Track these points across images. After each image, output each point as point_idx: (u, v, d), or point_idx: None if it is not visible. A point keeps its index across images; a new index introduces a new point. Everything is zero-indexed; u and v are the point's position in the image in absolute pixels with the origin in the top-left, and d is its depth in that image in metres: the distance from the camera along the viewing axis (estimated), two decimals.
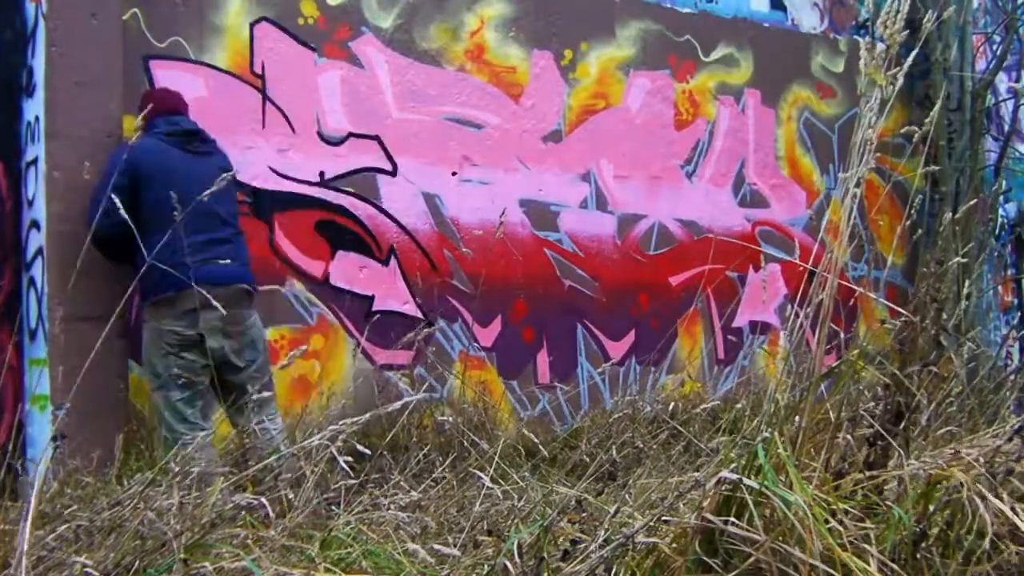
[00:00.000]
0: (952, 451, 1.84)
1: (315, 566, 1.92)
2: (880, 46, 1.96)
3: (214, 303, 2.52)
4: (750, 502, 1.63)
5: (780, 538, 1.60)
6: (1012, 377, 3.81)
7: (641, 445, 3.71)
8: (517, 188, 4.75)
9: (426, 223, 4.49)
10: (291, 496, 2.37)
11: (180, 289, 3.19)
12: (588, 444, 3.90)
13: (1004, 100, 6.84)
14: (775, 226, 5.69)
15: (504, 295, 4.68)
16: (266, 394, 3.36)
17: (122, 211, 2.34)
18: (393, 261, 4.40)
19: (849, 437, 1.89)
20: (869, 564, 1.59)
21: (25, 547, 1.72)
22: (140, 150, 3.29)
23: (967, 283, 4.25)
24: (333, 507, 2.46)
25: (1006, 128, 6.67)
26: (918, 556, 1.69)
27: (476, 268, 4.58)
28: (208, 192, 2.33)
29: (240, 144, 4.03)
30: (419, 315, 4.40)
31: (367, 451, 2.18)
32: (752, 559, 1.61)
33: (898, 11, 1.91)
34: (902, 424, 1.89)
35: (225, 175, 2.37)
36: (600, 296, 5.00)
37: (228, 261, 3.37)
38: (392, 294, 4.38)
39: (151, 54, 3.86)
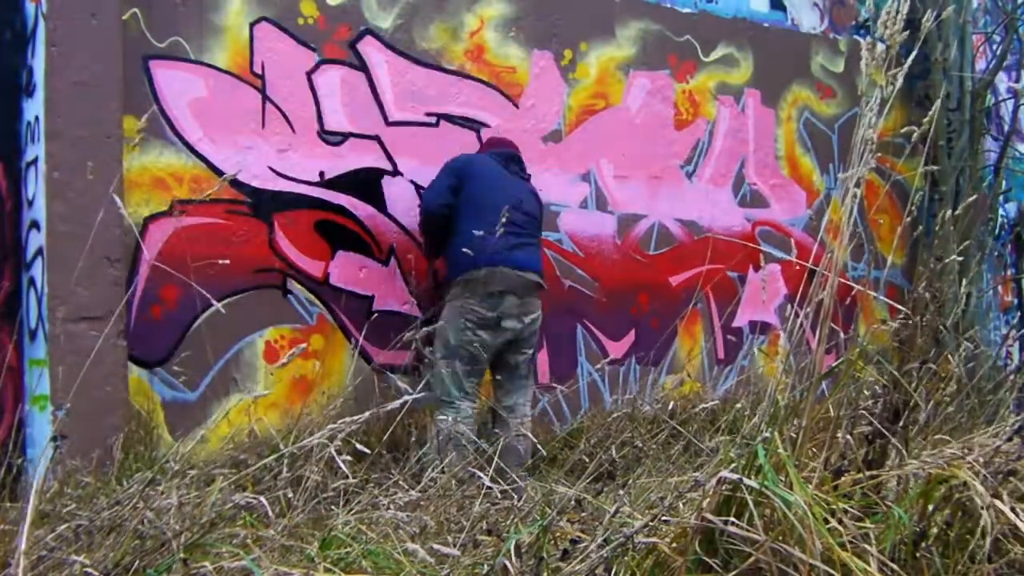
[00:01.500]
0: (952, 451, 1.84)
1: (315, 566, 1.92)
2: (880, 46, 1.96)
3: None
4: (750, 502, 1.63)
5: (780, 538, 1.60)
6: (1012, 377, 3.81)
7: (640, 445, 3.71)
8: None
9: None
10: (290, 495, 2.37)
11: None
12: (587, 444, 3.90)
13: (1004, 100, 6.84)
14: (775, 226, 5.69)
15: None
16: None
17: None
18: (393, 261, 4.40)
19: (849, 437, 1.89)
20: (869, 564, 1.59)
21: (23, 547, 1.72)
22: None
23: (964, 282, 4.25)
24: (332, 506, 2.46)
25: (1006, 128, 6.67)
26: (918, 556, 1.69)
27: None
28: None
29: (240, 144, 4.03)
30: (419, 315, 4.39)
31: (366, 450, 2.18)
32: (752, 559, 1.61)
33: (898, 11, 1.91)
34: (900, 423, 1.89)
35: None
36: (600, 296, 5.00)
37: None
38: (392, 294, 4.38)
39: (151, 54, 3.86)
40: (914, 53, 2.01)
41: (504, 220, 3.59)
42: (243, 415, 3.91)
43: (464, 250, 3.73)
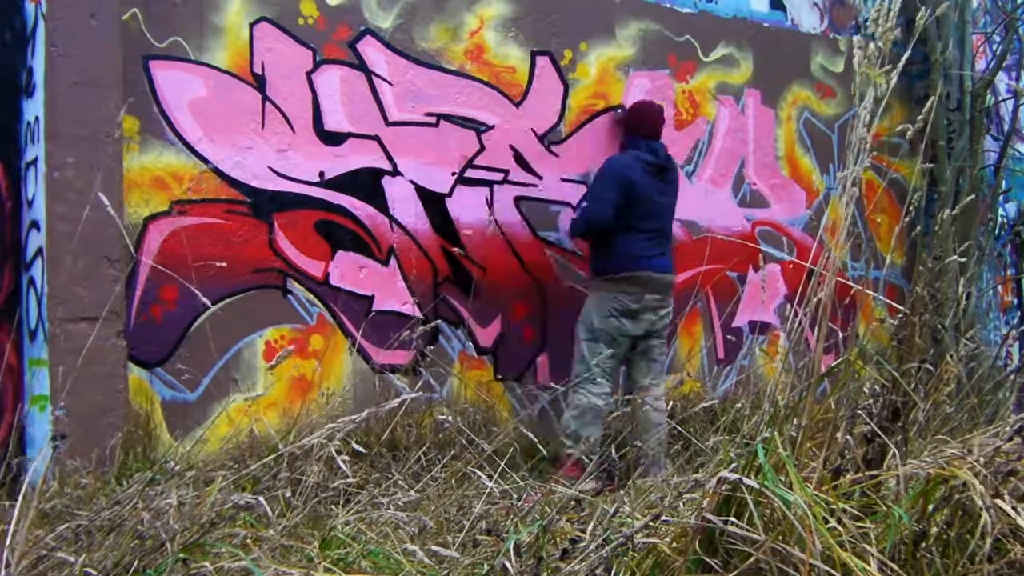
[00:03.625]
0: (952, 450, 1.84)
1: (314, 566, 1.92)
2: (873, 44, 1.95)
3: None
4: (750, 502, 1.63)
5: (780, 538, 1.60)
6: (1012, 377, 3.81)
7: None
8: (516, 188, 4.75)
9: (426, 223, 4.49)
10: (290, 495, 2.37)
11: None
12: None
13: (1004, 100, 6.84)
14: (775, 226, 5.69)
15: (504, 295, 4.68)
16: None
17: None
18: (393, 261, 4.40)
19: (849, 437, 1.89)
20: (869, 564, 1.58)
21: (21, 547, 1.72)
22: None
23: (963, 281, 4.24)
24: (332, 506, 2.46)
25: (1006, 128, 6.67)
26: (918, 556, 1.69)
27: (476, 268, 4.58)
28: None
29: (240, 144, 4.03)
30: (419, 315, 4.39)
31: (365, 450, 2.18)
32: (752, 559, 1.60)
33: (890, 9, 1.90)
34: (900, 422, 1.88)
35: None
36: None
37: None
38: (392, 294, 4.38)
39: (151, 54, 3.86)
40: (908, 51, 2.00)
41: (654, 233, 4.35)
42: (243, 415, 3.91)
43: (618, 255, 4.31)
